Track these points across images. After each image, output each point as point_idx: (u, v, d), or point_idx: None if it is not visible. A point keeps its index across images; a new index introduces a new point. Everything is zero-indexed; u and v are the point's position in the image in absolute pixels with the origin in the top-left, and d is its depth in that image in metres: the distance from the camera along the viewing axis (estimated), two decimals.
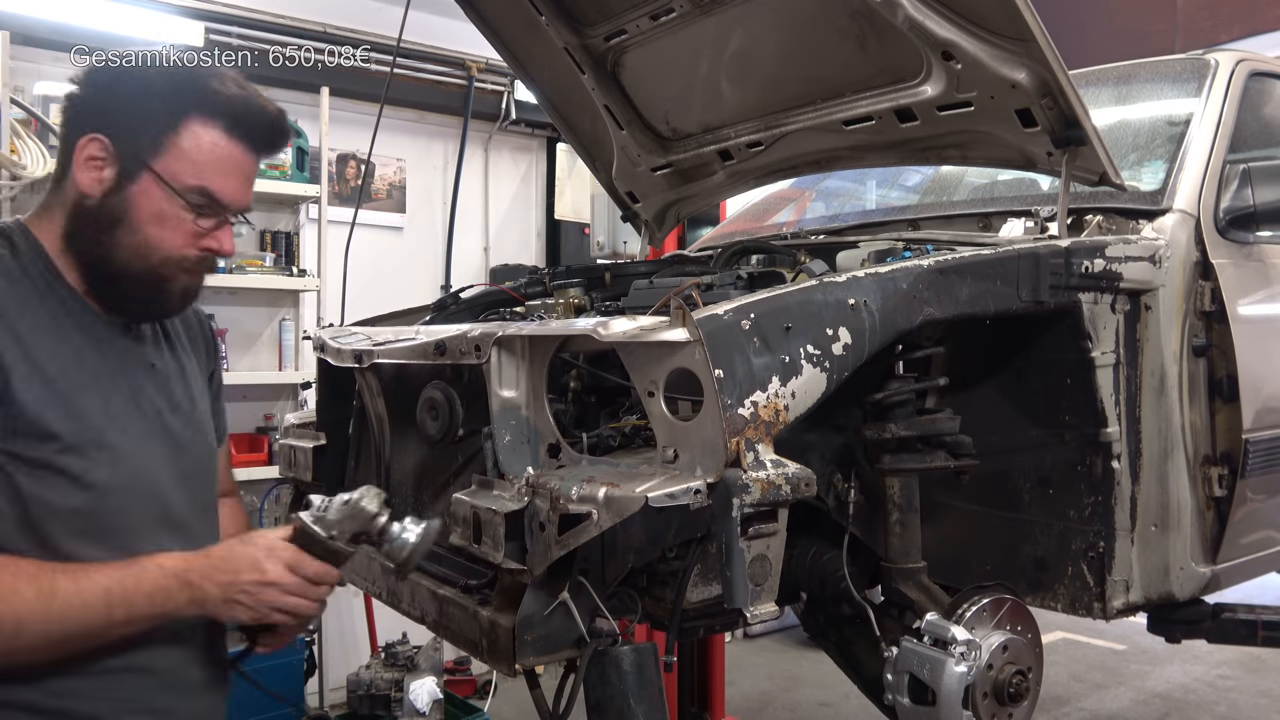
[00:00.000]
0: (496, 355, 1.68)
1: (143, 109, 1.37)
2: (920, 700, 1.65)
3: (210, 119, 1.39)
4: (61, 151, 1.42)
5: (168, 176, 1.37)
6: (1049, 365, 2.02)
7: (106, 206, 1.37)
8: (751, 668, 5.01)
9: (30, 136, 3.76)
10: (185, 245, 1.40)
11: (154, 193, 1.37)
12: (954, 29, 2.03)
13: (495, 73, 5.21)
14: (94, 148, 1.36)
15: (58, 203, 1.40)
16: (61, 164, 1.41)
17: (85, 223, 1.38)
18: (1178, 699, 4.54)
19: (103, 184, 1.37)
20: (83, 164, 1.37)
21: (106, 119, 1.37)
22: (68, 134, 1.40)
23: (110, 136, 1.36)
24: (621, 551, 1.66)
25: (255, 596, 1.34)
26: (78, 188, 1.37)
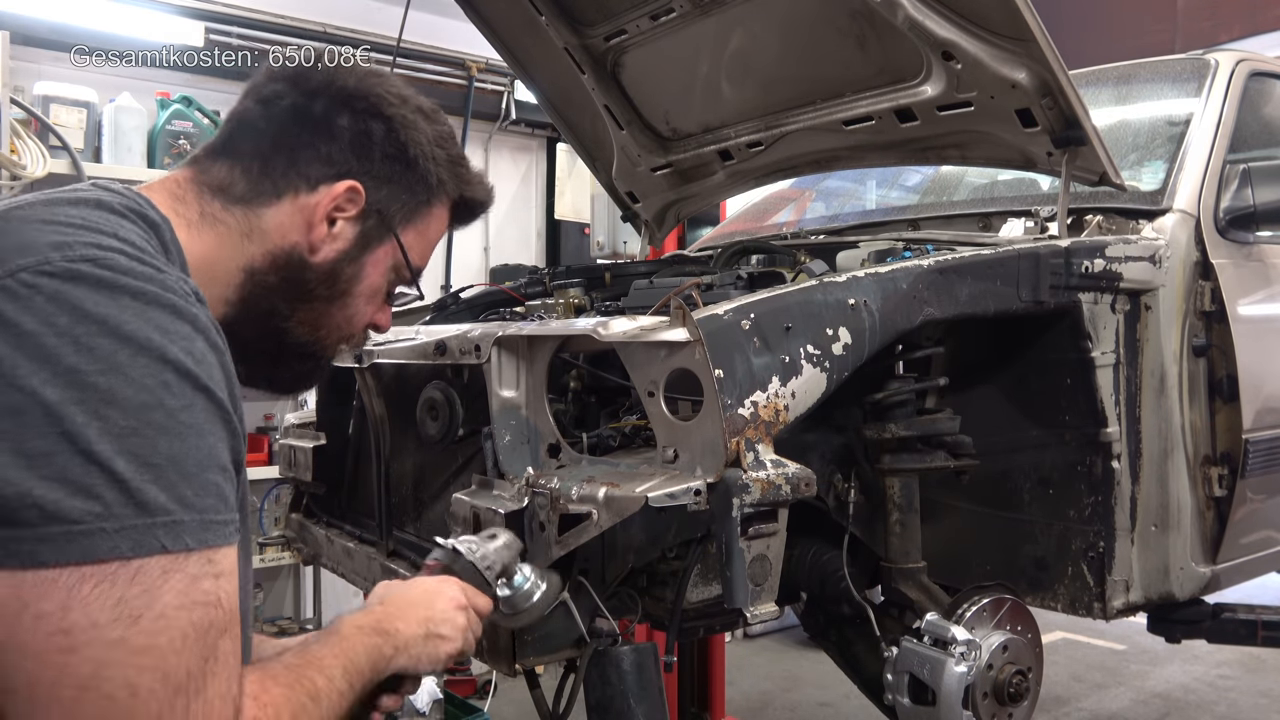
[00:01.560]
0: (496, 355, 1.68)
1: (414, 172, 1.18)
2: (920, 700, 1.65)
3: (451, 206, 1.25)
4: (268, 164, 1.12)
5: (407, 250, 1.19)
6: (1049, 365, 2.02)
7: (335, 273, 1.15)
8: (751, 668, 5.01)
9: (30, 136, 3.77)
10: (366, 322, 1.24)
11: (384, 265, 1.19)
12: (954, 29, 2.03)
13: (495, 73, 5.21)
14: (348, 198, 1.13)
15: (237, 228, 1.10)
16: (265, 183, 1.12)
17: (295, 282, 1.13)
18: (1178, 699, 4.54)
19: (337, 244, 1.14)
20: (324, 212, 1.12)
21: (369, 167, 1.14)
22: (297, 154, 1.12)
23: (368, 190, 1.14)
24: (621, 551, 1.66)
25: (454, 624, 1.22)
26: (300, 236, 1.12)
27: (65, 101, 3.96)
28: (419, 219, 1.21)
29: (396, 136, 1.16)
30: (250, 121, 1.15)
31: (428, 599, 1.23)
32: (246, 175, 1.11)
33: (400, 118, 1.17)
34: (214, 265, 1.09)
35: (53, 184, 3.90)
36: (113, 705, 0.79)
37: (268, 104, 1.15)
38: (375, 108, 1.16)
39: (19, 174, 3.71)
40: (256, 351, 1.15)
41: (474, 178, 1.28)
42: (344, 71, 1.17)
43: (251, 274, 1.11)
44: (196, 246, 1.07)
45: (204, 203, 1.10)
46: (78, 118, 3.97)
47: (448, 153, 1.22)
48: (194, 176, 1.12)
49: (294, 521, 2.59)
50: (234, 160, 1.12)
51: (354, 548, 2.25)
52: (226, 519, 0.87)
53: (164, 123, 4.12)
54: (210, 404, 0.87)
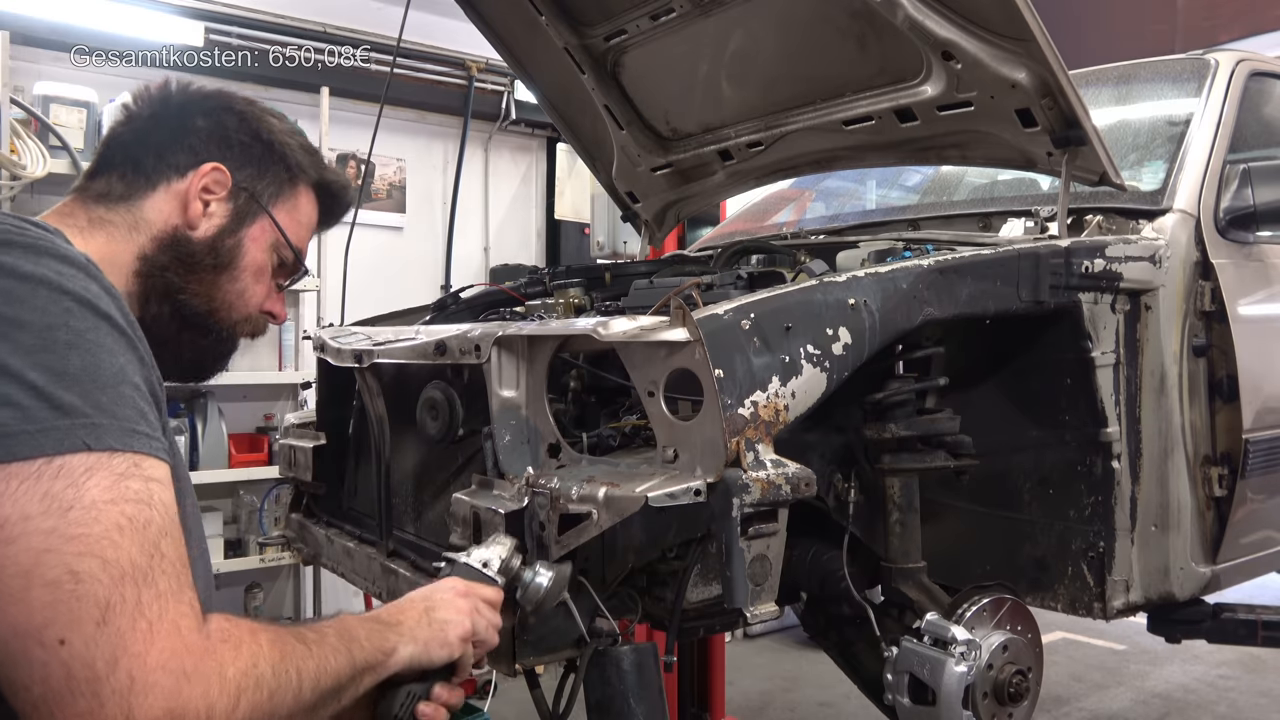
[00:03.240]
0: (496, 355, 1.68)
1: (271, 154, 1.30)
2: (920, 700, 1.65)
3: (315, 193, 1.37)
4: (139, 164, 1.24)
5: (289, 235, 1.31)
6: (1049, 365, 2.02)
7: (216, 246, 1.25)
8: (751, 668, 5.01)
9: (30, 136, 3.77)
10: (259, 304, 1.32)
11: (263, 241, 1.29)
12: (954, 29, 2.03)
13: (495, 73, 5.21)
14: (214, 178, 1.24)
15: (123, 224, 1.22)
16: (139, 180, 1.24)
17: (181, 260, 1.23)
18: (1178, 699, 4.54)
19: (213, 220, 1.25)
20: (195, 192, 1.23)
21: (229, 153, 1.27)
22: (162, 151, 1.25)
23: (232, 172, 1.26)
24: (621, 551, 1.66)
25: (454, 606, 1.25)
26: (179, 218, 1.23)
27: (65, 101, 3.96)
28: (287, 199, 1.32)
29: (249, 125, 1.30)
30: (117, 137, 1.28)
31: (426, 593, 1.27)
32: (123, 179, 1.24)
33: (250, 113, 1.31)
34: (109, 261, 1.16)
35: (53, 184, 3.91)
36: (58, 590, 0.82)
37: (131, 121, 1.28)
38: (226, 105, 1.30)
39: (19, 174, 3.72)
40: (160, 334, 1.22)
41: (331, 167, 1.41)
42: (195, 87, 1.32)
43: (144, 259, 1.21)
44: (91, 247, 1.15)
45: (89, 211, 1.22)
46: (78, 118, 3.97)
47: (300, 142, 1.35)
48: (76, 197, 1.24)
49: (294, 521, 2.59)
50: (109, 170, 1.25)
51: (354, 548, 2.25)
52: (148, 432, 0.92)
53: None
54: (114, 330, 0.94)
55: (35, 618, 0.82)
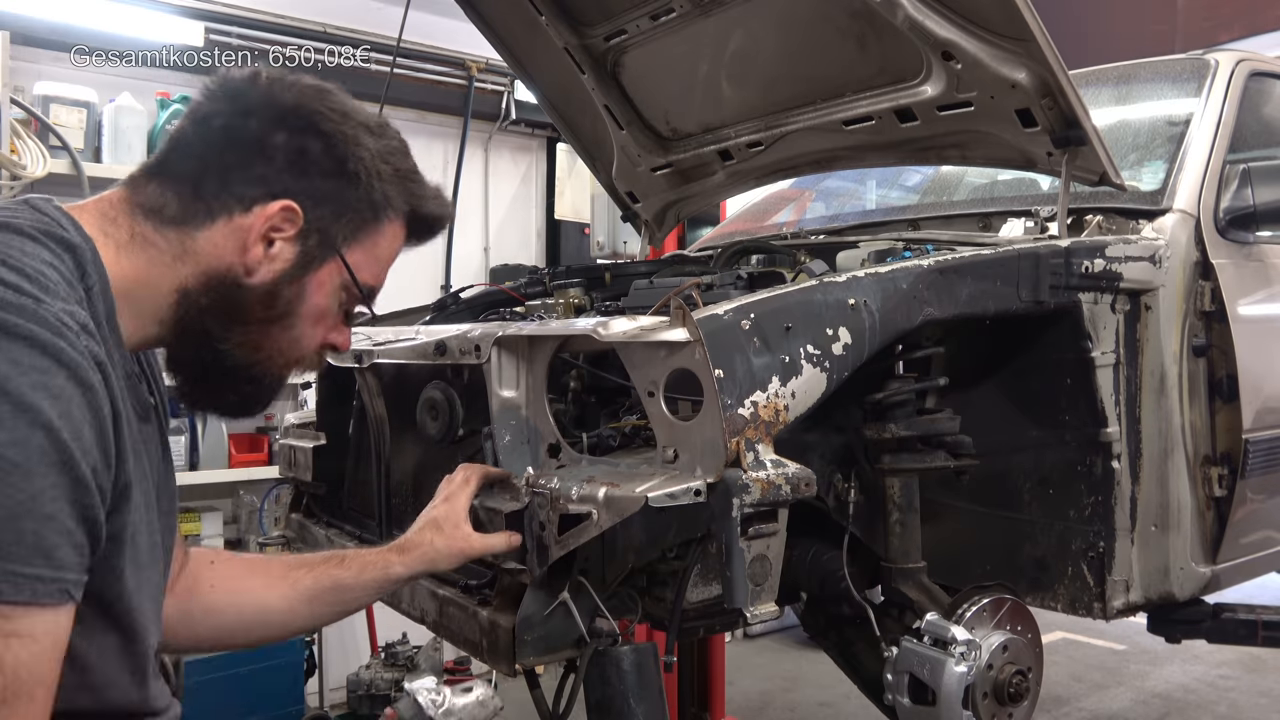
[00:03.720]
0: (496, 355, 1.68)
1: (356, 188, 1.13)
2: (920, 700, 1.65)
3: (405, 224, 1.21)
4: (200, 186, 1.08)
5: (354, 269, 1.15)
6: (1049, 365, 2.02)
7: (273, 294, 1.10)
8: (751, 668, 5.01)
9: (30, 136, 3.76)
10: (316, 345, 1.19)
11: (328, 286, 1.14)
12: (954, 29, 2.03)
13: (495, 73, 5.21)
14: (284, 218, 1.09)
15: (169, 250, 1.07)
16: (198, 206, 1.08)
17: (226, 308, 1.09)
18: (1178, 699, 4.54)
19: (274, 265, 1.10)
20: (258, 233, 1.08)
21: (306, 185, 1.10)
22: (229, 174, 1.08)
23: (306, 209, 1.10)
24: (621, 551, 1.66)
25: None
26: (235, 258, 1.08)
27: (65, 101, 3.96)
28: (366, 237, 1.17)
29: (335, 152, 1.12)
30: (184, 141, 1.12)
31: None
32: (179, 197, 1.08)
33: (339, 133, 1.13)
34: (145, 285, 1.06)
35: (52, 184, 3.90)
36: None
37: (202, 123, 1.11)
38: (312, 124, 1.12)
39: (19, 174, 3.71)
40: (196, 373, 1.13)
41: (427, 192, 1.24)
42: (281, 87, 1.13)
43: (185, 295, 1.08)
44: (126, 267, 1.04)
45: (135, 224, 1.07)
46: (78, 118, 3.97)
47: (394, 167, 1.18)
48: (127, 197, 1.10)
49: (294, 521, 2.59)
50: (167, 181, 1.09)
51: (354, 548, 2.25)
52: (40, 574, 0.80)
53: (164, 123, 4.12)
54: (49, 444, 0.82)
55: None
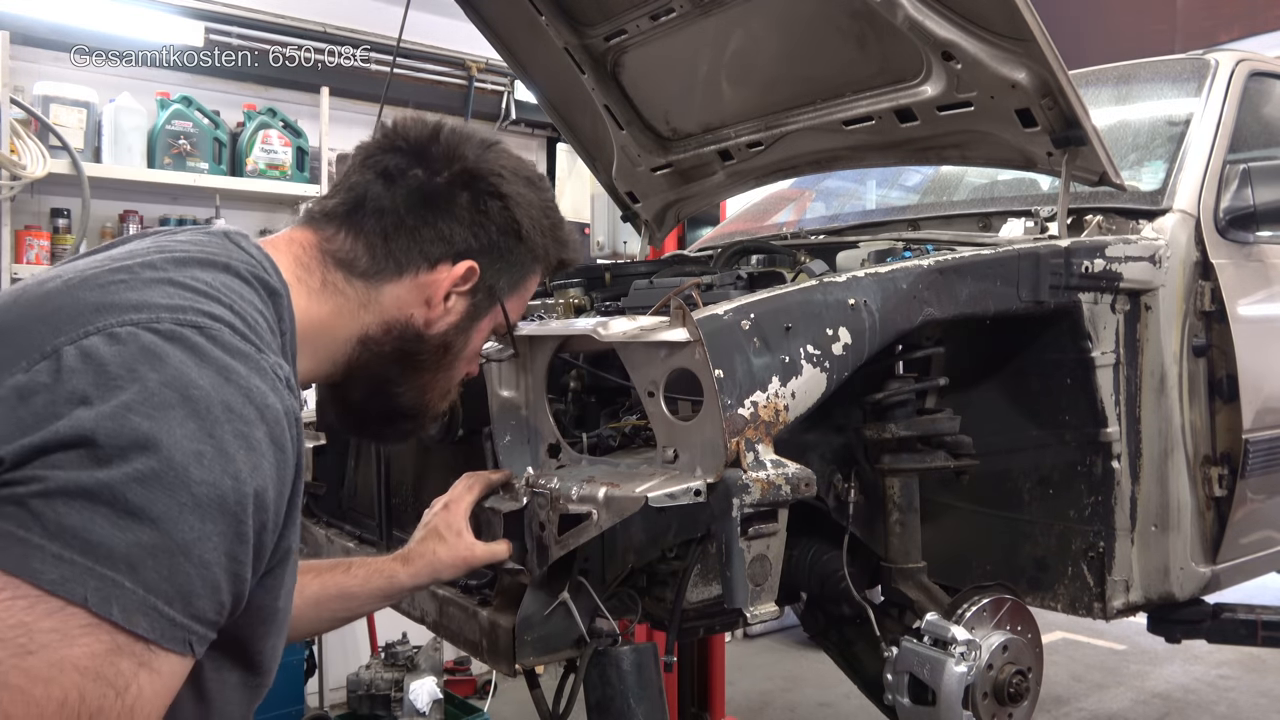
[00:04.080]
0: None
1: (523, 244, 1.23)
2: (920, 700, 1.65)
3: (548, 271, 1.31)
4: (390, 243, 1.14)
5: (510, 317, 1.25)
6: (1049, 365, 2.02)
7: (447, 345, 1.20)
8: (751, 668, 5.01)
9: (30, 136, 3.77)
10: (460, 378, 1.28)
11: (487, 330, 1.25)
12: (954, 29, 2.03)
13: (495, 73, 5.21)
14: (467, 277, 1.17)
15: (356, 299, 1.14)
16: (388, 263, 1.14)
17: (406, 354, 1.17)
18: (1178, 699, 4.54)
19: (450, 317, 1.18)
20: (444, 290, 1.16)
21: (483, 243, 1.19)
22: (418, 233, 1.15)
23: (482, 266, 1.19)
24: (621, 551, 1.66)
25: None
26: (418, 310, 1.16)
27: (65, 101, 3.96)
28: (523, 285, 1.28)
29: (511, 215, 1.21)
30: (374, 197, 1.17)
31: None
32: (370, 251, 1.15)
33: (515, 195, 1.21)
34: (329, 331, 1.13)
35: (52, 184, 3.91)
36: None
37: (391, 180, 1.17)
38: (494, 187, 1.20)
39: (19, 174, 3.72)
40: (364, 413, 1.21)
41: (570, 240, 1.34)
42: (462, 143, 1.20)
43: (366, 342, 1.15)
44: (314, 312, 1.11)
45: (327, 272, 1.14)
46: (78, 118, 3.97)
47: (551, 222, 1.28)
48: (319, 244, 1.15)
49: None
50: (358, 234, 1.15)
51: (354, 548, 2.25)
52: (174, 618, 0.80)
53: (164, 123, 4.12)
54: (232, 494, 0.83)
55: None
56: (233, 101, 4.50)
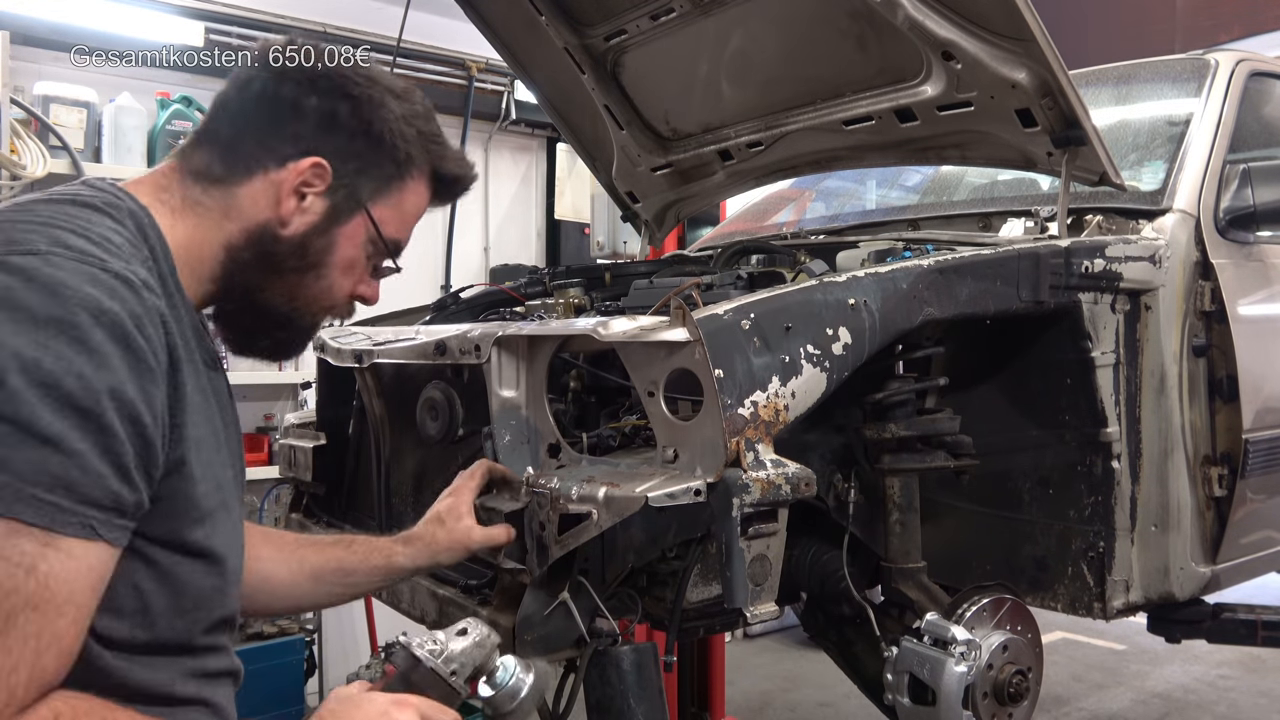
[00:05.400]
0: (496, 355, 1.68)
1: (381, 147, 1.22)
2: (920, 700, 1.65)
3: (429, 180, 1.29)
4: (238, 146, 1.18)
5: (379, 224, 1.23)
6: (1049, 365, 2.02)
7: (305, 245, 1.19)
8: (751, 668, 5.01)
9: (30, 136, 3.76)
10: (347, 294, 1.27)
11: (357, 238, 1.23)
12: (954, 29, 2.03)
13: (495, 73, 5.21)
14: (314, 173, 1.17)
15: (215, 208, 1.16)
16: (237, 164, 1.17)
17: (268, 256, 1.18)
18: (1178, 699, 4.54)
19: (306, 217, 1.18)
20: (291, 187, 1.17)
21: (335, 143, 1.19)
22: (265, 134, 1.18)
23: (334, 166, 1.18)
24: (621, 551, 1.66)
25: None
26: (271, 211, 1.17)
27: (65, 101, 3.96)
28: (391, 193, 1.25)
29: (361, 114, 1.20)
30: (227, 106, 1.21)
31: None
32: (223, 158, 1.18)
33: (366, 97, 1.21)
34: (199, 246, 1.15)
35: (53, 184, 3.89)
36: None
37: (242, 88, 1.21)
38: (341, 88, 1.20)
39: (19, 174, 3.71)
40: (240, 324, 1.23)
41: (451, 154, 1.31)
42: (321, 56, 1.21)
43: (230, 250, 1.17)
44: (180, 231, 1.14)
45: (186, 188, 1.17)
46: (78, 118, 3.97)
47: (418, 129, 1.25)
48: (178, 165, 1.19)
49: (294, 521, 2.59)
50: (213, 144, 1.19)
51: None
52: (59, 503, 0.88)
53: (164, 123, 4.12)
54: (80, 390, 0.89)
55: None
56: None
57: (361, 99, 1.20)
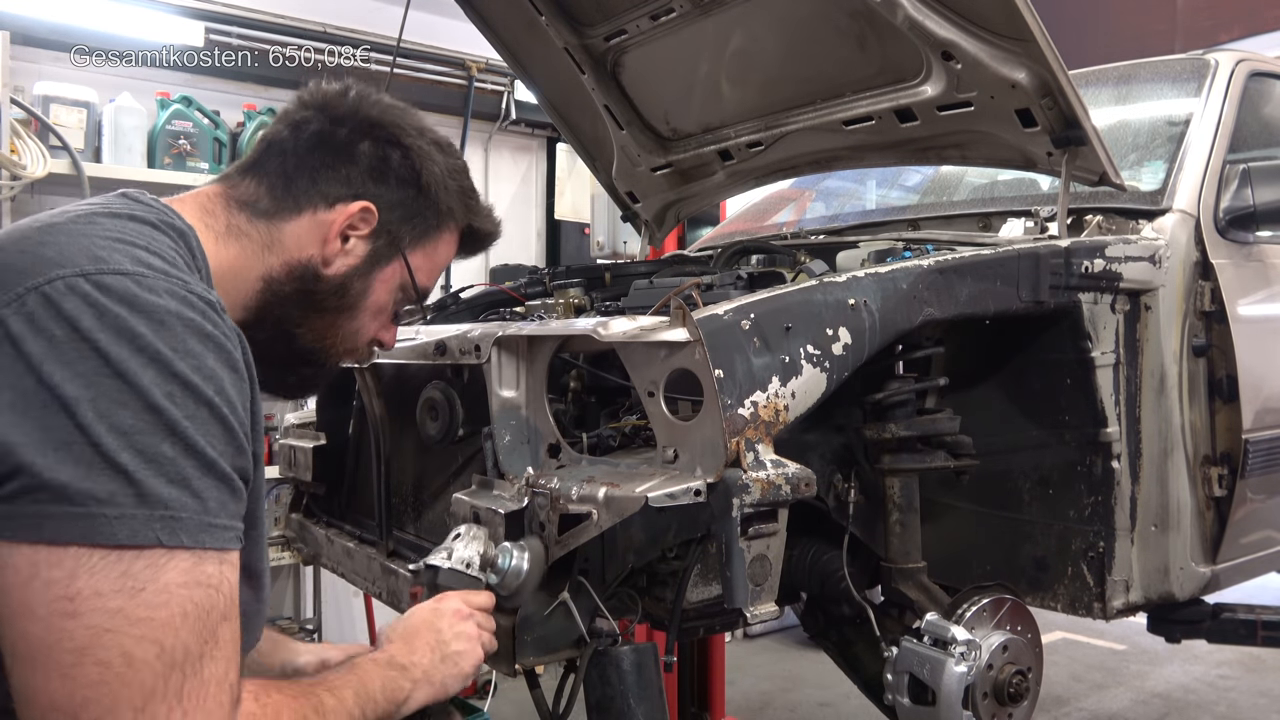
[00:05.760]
0: (496, 355, 1.68)
1: (425, 198, 1.27)
2: (920, 700, 1.65)
3: (460, 234, 1.34)
4: (291, 183, 1.20)
5: (414, 271, 1.28)
6: (1049, 365, 2.02)
7: (345, 286, 1.23)
8: (751, 668, 5.01)
9: (30, 136, 3.76)
10: (370, 337, 1.31)
11: (391, 283, 1.27)
12: (954, 29, 2.03)
13: (495, 73, 5.21)
14: (362, 217, 1.22)
15: (259, 240, 1.19)
16: (287, 200, 1.20)
17: (309, 294, 1.21)
18: (1178, 699, 4.54)
19: (348, 259, 1.22)
20: (339, 228, 1.21)
21: (384, 190, 1.23)
22: (318, 174, 1.21)
23: (381, 212, 1.23)
24: (621, 551, 1.66)
25: (466, 635, 1.30)
26: (316, 250, 1.20)
27: (65, 101, 3.96)
28: (428, 242, 1.30)
29: (412, 164, 1.25)
30: (278, 143, 1.24)
31: (432, 621, 1.29)
32: (271, 192, 1.20)
33: (417, 148, 1.26)
34: (236, 274, 1.17)
35: (53, 184, 3.90)
36: (107, 672, 0.83)
37: (296, 128, 1.24)
38: (395, 137, 1.25)
39: (19, 174, 3.71)
40: (267, 357, 1.21)
41: (483, 210, 1.38)
42: (369, 102, 1.27)
43: (269, 283, 1.19)
44: (222, 256, 1.15)
45: (231, 215, 1.19)
46: (78, 118, 3.97)
47: (459, 184, 1.32)
48: (224, 191, 1.21)
49: (294, 521, 2.59)
50: (261, 177, 1.22)
51: (354, 548, 2.25)
52: (225, 525, 0.93)
53: (164, 123, 4.12)
54: (213, 417, 0.93)
55: (77, 695, 0.83)
56: (233, 101, 4.50)
57: (413, 149, 1.25)
